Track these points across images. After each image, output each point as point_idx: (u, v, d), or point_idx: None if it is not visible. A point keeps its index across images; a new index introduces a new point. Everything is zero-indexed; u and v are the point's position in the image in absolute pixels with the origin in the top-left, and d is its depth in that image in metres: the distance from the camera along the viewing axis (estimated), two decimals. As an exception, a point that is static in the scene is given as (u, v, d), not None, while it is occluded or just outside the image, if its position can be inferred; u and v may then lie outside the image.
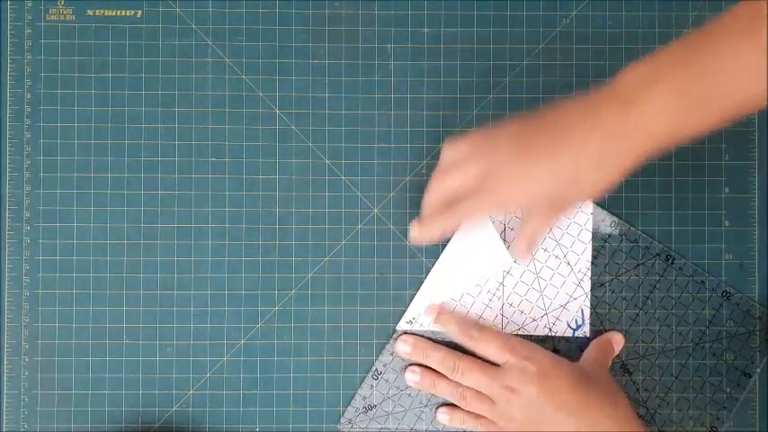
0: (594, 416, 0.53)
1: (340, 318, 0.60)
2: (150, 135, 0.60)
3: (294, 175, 0.60)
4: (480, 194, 0.52)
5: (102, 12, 0.60)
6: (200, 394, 0.59)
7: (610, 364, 0.58)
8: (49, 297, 0.59)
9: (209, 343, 0.59)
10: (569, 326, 0.59)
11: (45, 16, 0.60)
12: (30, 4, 0.60)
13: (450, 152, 0.54)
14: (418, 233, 0.55)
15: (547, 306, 0.59)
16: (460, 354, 0.57)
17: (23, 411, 0.59)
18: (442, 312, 0.58)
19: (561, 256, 0.59)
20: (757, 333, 0.60)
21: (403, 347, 0.58)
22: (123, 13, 0.60)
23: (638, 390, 0.59)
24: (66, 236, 0.59)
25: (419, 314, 0.59)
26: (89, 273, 0.59)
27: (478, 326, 0.57)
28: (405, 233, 0.60)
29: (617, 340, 0.59)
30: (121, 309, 0.59)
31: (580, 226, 0.59)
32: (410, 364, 0.59)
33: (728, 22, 0.47)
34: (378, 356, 0.59)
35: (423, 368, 0.58)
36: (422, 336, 0.59)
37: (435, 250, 0.60)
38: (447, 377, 0.57)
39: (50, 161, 0.59)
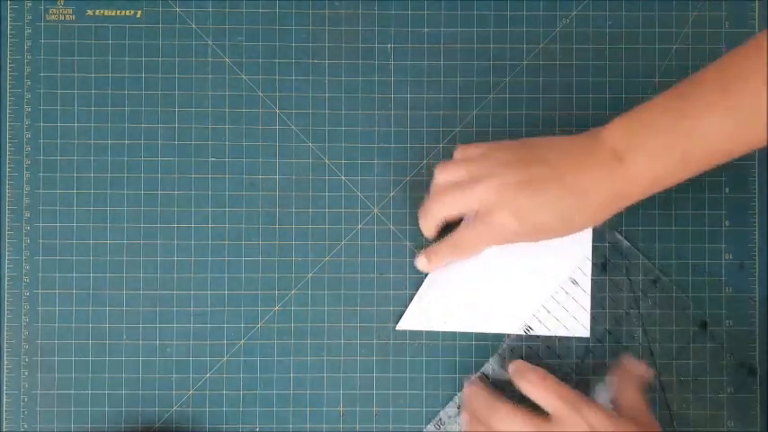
0: None
1: (340, 318, 0.60)
2: (150, 135, 0.60)
3: (294, 175, 0.60)
4: (484, 227, 0.53)
5: (102, 12, 0.60)
6: (200, 394, 0.59)
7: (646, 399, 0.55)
8: (49, 297, 0.59)
9: (210, 343, 0.59)
10: (565, 326, 0.59)
11: (45, 16, 0.60)
12: (30, 4, 0.60)
13: (444, 176, 0.55)
14: (425, 266, 0.58)
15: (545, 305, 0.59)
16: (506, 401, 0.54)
17: (23, 411, 0.59)
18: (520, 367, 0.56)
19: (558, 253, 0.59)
20: (756, 333, 0.60)
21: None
22: (123, 13, 0.60)
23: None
24: (67, 236, 0.59)
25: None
26: (89, 273, 0.59)
27: (538, 371, 0.54)
28: (405, 233, 0.60)
29: (638, 368, 0.56)
30: (121, 309, 0.59)
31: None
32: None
33: (700, 81, 0.50)
34: (443, 407, 0.59)
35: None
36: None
37: (435, 250, 0.60)
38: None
39: (50, 161, 0.59)
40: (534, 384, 0.53)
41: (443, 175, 0.55)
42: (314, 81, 0.60)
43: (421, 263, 0.58)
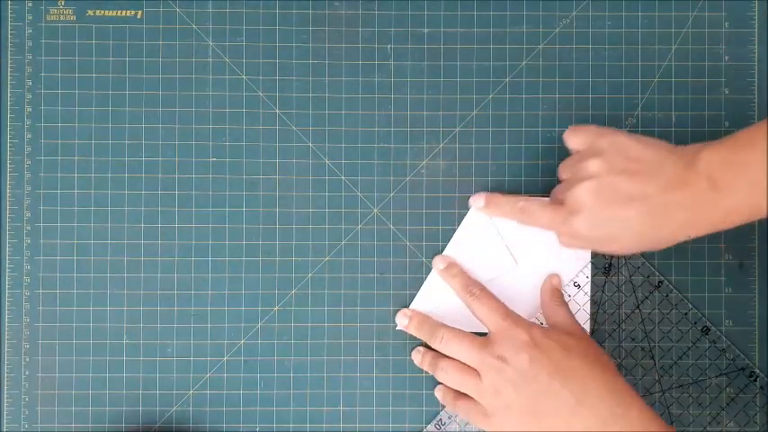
0: (589, 383, 0.51)
1: (340, 318, 0.60)
2: (150, 135, 0.60)
3: (294, 175, 0.60)
4: (557, 217, 0.54)
5: (102, 12, 0.60)
6: (200, 394, 0.59)
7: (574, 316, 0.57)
8: (49, 297, 0.59)
9: (210, 343, 0.59)
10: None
11: (45, 16, 0.60)
12: (30, 5, 0.60)
13: (571, 142, 0.55)
14: (479, 206, 0.58)
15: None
16: (448, 326, 0.57)
17: (24, 411, 0.59)
18: (452, 265, 0.58)
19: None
20: (756, 333, 0.60)
21: (401, 320, 0.59)
22: (123, 13, 0.60)
23: (635, 383, 0.59)
24: (67, 236, 0.59)
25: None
26: (89, 273, 0.59)
27: (481, 285, 0.57)
28: (405, 233, 0.60)
29: (556, 282, 0.59)
30: (121, 309, 0.59)
31: None
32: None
33: None
34: (443, 408, 0.59)
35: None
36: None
37: (435, 251, 0.60)
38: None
39: (50, 161, 0.59)
40: (478, 298, 0.56)
41: (572, 141, 0.56)
42: (314, 81, 0.60)
43: (476, 202, 0.58)
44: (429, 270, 0.60)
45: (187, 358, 0.59)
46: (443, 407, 0.59)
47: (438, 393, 0.58)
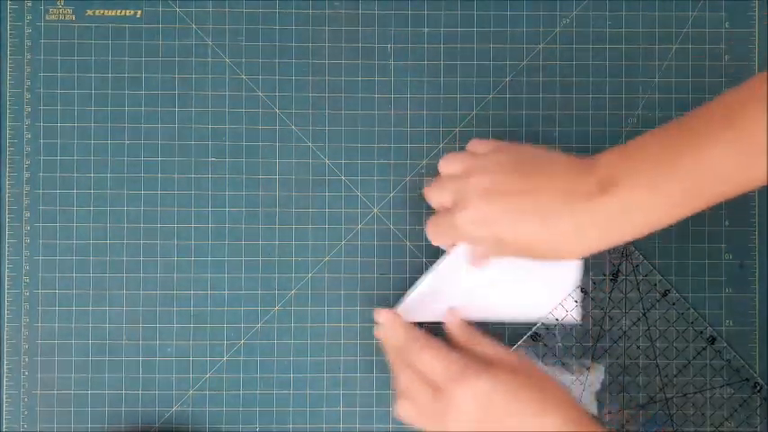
0: (547, 415, 0.49)
1: (340, 318, 0.60)
2: (150, 135, 0.60)
3: (294, 175, 0.60)
4: (448, 221, 0.53)
5: (101, 12, 0.60)
6: (200, 394, 0.59)
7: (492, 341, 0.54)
8: (49, 297, 0.59)
9: (210, 343, 0.59)
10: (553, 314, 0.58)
11: (45, 16, 0.60)
12: (30, 4, 0.60)
13: (444, 167, 0.55)
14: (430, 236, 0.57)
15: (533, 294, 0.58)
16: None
17: (23, 411, 0.59)
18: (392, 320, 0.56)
19: None
20: (756, 333, 0.60)
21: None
22: (123, 12, 0.60)
23: (639, 390, 0.59)
24: (66, 236, 0.59)
25: None
26: (89, 273, 0.59)
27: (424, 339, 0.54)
28: (405, 233, 0.60)
29: (457, 317, 0.56)
30: (121, 309, 0.59)
31: None
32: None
33: (703, 114, 0.48)
34: None
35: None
36: None
37: (435, 250, 0.60)
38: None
39: (50, 161, 0.59)
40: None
41: (444, 166, 0.55)
42: (314, 81, 0.60)
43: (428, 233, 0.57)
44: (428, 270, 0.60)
45: (187, 358, 0.59)
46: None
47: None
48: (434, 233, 0.56)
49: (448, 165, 0.55)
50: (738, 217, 0.60)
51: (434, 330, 0.57)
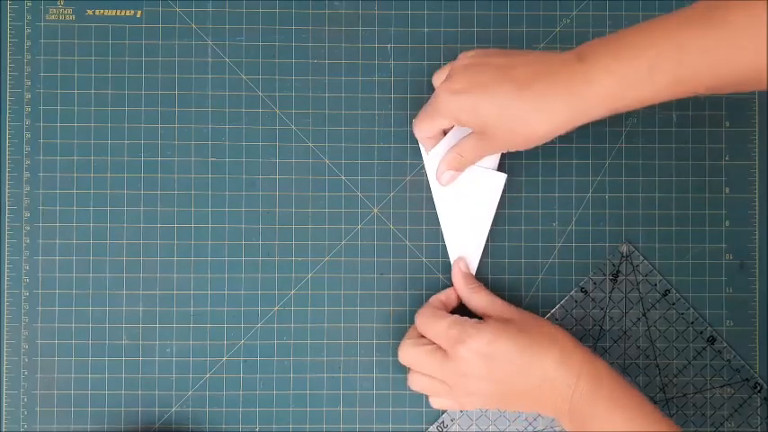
0: (544, 358, 0.52)
1: (340, 318, 0.60)
2: (150, 135, 0.60)
3: (294, 175, 0.60)
4: (481, 140, 0.54)
5: (101, 12, 0.60)
6: (199, 394, 0.59)
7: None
8: (49, 297, 0.59)
9: (209, 343, 0.59)
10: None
11: (45, 16, 0.60)
12: (30, 4, 0.60)
13: (441, 82, 0.55)
14: (444, 181, 0.58)
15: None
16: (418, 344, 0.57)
17: (23, 411, 0.59)
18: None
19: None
20: (756, 333, 0.60)
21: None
22: (123, 12, 0.60)
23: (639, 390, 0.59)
24: (66, 236, 0.59)
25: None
26: (89, 273, 0.59)
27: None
28: (405, 233, 0.60)
29: (464, 267, 0.59)
30: (121, 309, 0.59)
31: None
32: None
33: (689, 8, 0.48)
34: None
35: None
36: None
37: (436, 251, 0.60)
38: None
39: (50, 161, 0.59)
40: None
41: (436, 78, 0.57)
42: (314, 81, 0.60)
43: (443, 179, 0.58)
44: (429, 270, 0.60)
45: (186, 359, 0.59)
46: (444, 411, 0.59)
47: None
48: (418, 120, 0.57)
49: (439, 75, 0.57)
50: (738, 217, 0.60)
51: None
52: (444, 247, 0.59)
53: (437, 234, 0.60)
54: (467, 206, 0.59)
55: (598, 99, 0.49)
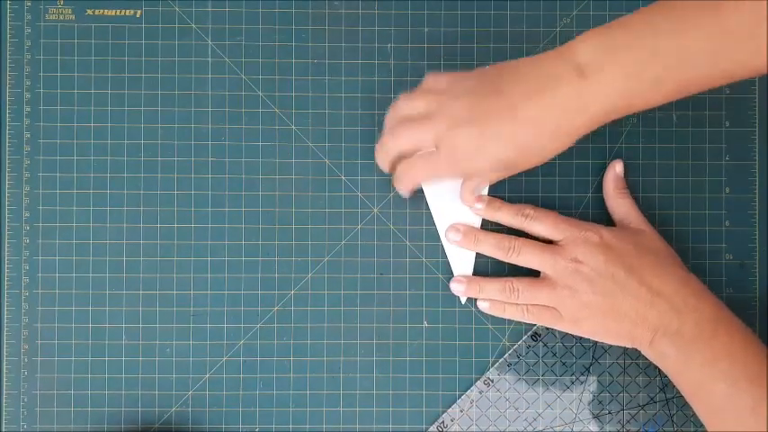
0: (664, 276, 0.53)
1: (340, 318, 0.60)
2: (150, 135, 0.60)
3: (294, 175, 0.60)
4: (436, 161, 0.53)
5: (101, 11, 0.60)
6: (199, 394, 0.59)
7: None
8: (49, 297, 0.59)
9: (209, 343, 0.59)
10: None
11: (44, 16, 0.60)
12: (29, 4, 0.60)
13: (405, 106, 0.54)
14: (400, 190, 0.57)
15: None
16: (514, 235, 0.57)
17: (23, 411, 0.59)
18: (492, 201, 0.57)
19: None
20: (756, 333, 0.60)
21: (453, 236, 0.58)
22: (123, 12, 0.60)
23: (639, 390, 0.59)
24: (66, 236, 0.59)
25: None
26: (89, 273, 0.59)
27: (531, 205, 0.57)
28: (405, 233, 0.60)
29: (619, 170, 0.59)
30: (121, 309, 0.59)
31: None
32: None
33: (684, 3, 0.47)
34: (446, 409, 0.59)
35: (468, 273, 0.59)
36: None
37: (436, 251, 0.60)
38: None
39: (50, 161, 0.59)
40: (535, 218, 0.56)
41: (403, 107, 0.55)
42: (314, 81, 0.60)
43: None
44: (429, 270, 0.60)
45: (186, 359, 0.59)
46: (444, 409, 0.59)
47: (482, 305, 0.58)
48: (407, 174, 0.55)
49: (407, 105, 0.55)
50: (738, 217, 0.60)
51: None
52: (443, 247, 0.59)
53: (437, 234, 0.60)
54: (460, 207, 0.58)
55: (605, 113, 0.49)
